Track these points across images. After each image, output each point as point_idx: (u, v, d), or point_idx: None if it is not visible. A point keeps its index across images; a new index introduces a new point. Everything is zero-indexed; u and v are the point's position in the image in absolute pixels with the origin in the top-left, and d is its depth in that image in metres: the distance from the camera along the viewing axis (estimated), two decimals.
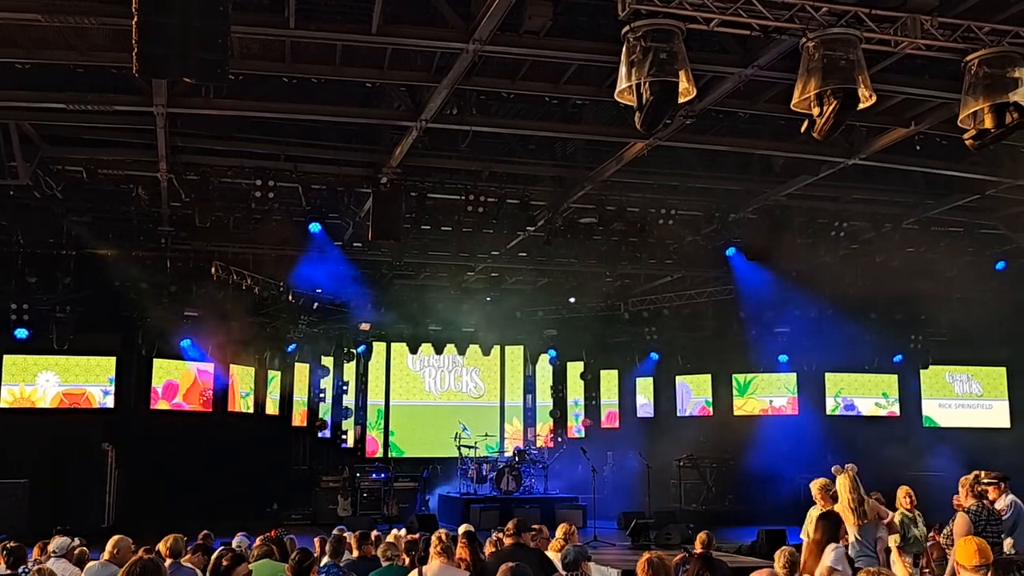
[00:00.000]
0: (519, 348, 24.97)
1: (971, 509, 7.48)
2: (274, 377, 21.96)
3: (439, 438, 23.26)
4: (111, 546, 7.89)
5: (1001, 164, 13.05)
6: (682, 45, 7.38)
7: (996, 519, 7.43)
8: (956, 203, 14.85)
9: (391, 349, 24.20)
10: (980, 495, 7.54)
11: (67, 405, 18.46)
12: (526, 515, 17.01)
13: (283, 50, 10.12)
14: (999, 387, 22.73)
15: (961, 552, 4.53)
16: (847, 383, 22.15)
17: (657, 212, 14.58)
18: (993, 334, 20.90)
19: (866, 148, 12.37)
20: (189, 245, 16.29)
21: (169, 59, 7.18)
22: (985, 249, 17.08)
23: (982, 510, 7.47)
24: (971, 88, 8.02)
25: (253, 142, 13.02)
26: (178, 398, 19.83)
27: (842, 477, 7.98)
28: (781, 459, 18.81)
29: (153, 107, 10.62)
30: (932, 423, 22.23)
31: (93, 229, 15.50)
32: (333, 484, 20.15)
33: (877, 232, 16.05)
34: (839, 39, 7.59)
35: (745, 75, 9.70)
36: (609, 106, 10.75)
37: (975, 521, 7.36)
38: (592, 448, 20.50)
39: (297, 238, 15.29)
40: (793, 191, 14.25)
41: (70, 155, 12.94)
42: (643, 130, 7.98)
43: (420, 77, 10.67)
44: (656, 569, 5.15)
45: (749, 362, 22.02)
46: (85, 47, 9.87)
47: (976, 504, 7.52)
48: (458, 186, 13.96)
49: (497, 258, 17.80)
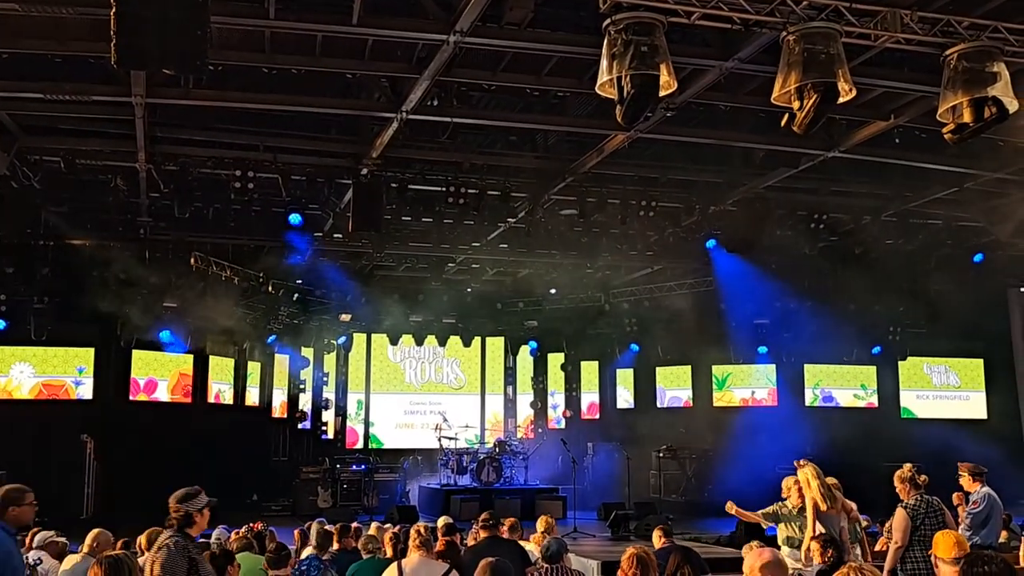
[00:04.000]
0: (500, 339, 24.97)
1: (909, 504, 7.43)
2: (254, 368, 21.86)
3: (420, 429, 23.30)
4: (90, 540, 7.87)
5: (980, 157, 13.17)
6: (663, 38, 7.38)
7: (936, 511, 7.38)
8: (935, 196, 15.00)
9: (371, 340, 24.15)
10: (919, 486, 7.54)
11: (45, 396, 18.31)
12: (506, 506, 17.10)
13: (263, 41, 10.06)
14: (976, 379, 22.96)
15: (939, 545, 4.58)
16: (826, 374, 22.31)
17: (638, 204, 14.60)
18: (971, 326, 21.14)
19: (846, 141, 12.46)
20: (168, 236, 16.18)
21: (148, 51, 7.11)
22: (963, 242, 17.26)
23: (920, 503, 7.41)
24: (950, 82, 8.07)
25: (233, 133, 12.94)
26: (157, 389, 19.71)
27: (808, 469, 8.12)
28: (760, 450, 18.89)
29: (132, 97, 10.53)
30: (910, 414, 22.44)
31: (71, 219, 15.37)
32: (313, 475, 20.07)
33: (856, 224, 16.17)
34: (819, 33, 7.62)
35: (726, 68, 9.74)
36: (590, 98, 10.72)
37: (913, 516, 7.32)
38: (572, 439, 20.56)
39: (277, 229, 15.24)
40: (773, 183, 14.34)
41: (48, 145, 12.82)
42: (624, 123, 7.98)
43: (401, 68, 10.63)
44: (644, 564, 5.14)
45: (729, 353, 22.12)
46: (63, 37, 9.76)
47: (915, 498, 7.45)
48: (439, 177, 13.93)
49: (478, 249, 17.80)
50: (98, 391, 18.71)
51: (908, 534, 7.27)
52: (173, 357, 19.78)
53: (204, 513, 5.58)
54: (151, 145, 12.41)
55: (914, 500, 7.47)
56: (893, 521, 7.58)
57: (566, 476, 19.15)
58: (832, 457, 17.56)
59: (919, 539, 7.20)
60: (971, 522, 8.39)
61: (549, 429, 24.28)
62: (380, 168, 13.21)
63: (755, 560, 4.09)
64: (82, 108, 11.56)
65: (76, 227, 15.53)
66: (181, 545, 5.26)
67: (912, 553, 7.25)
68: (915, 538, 7.25)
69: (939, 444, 18.92)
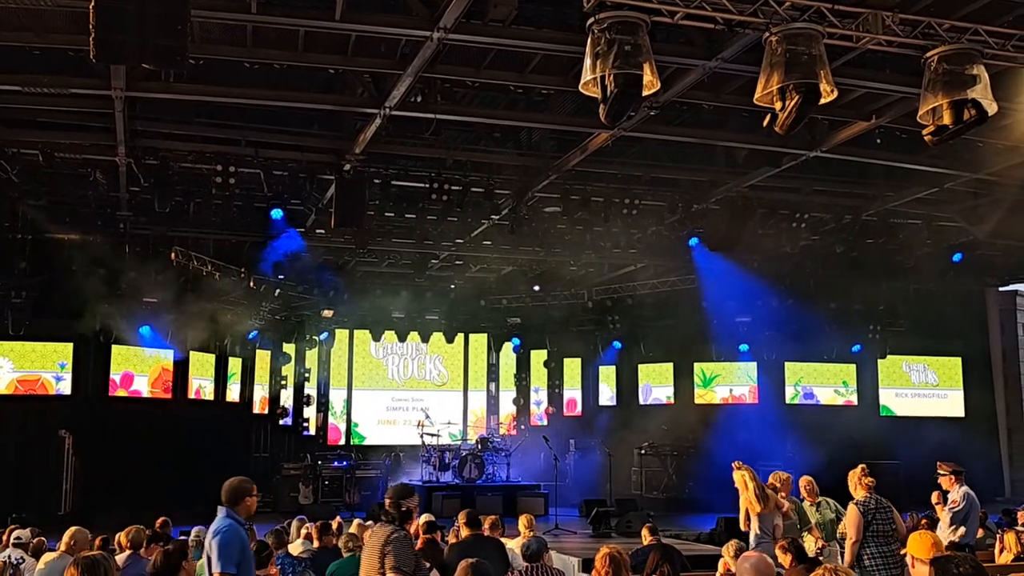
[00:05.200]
0: (483, 336, 24.96)
1: (860, 501, 7.64)
2: (235, 364, 21.73)
3: (402, 426, 23.26)
4: (68, 538, 7.80)
5: (959, 158, 13.28)
6: (647, 37, 7.40)
7: (885, 509, 7.60)
8: (915, 195, 15.09)
9: (354, 336, 24.08)
10: (869, 486, 7.75)
11: (21, 392, 18.13)
12: (488, 503, 17.12)
13: (244, 35, 9.97)
14: (954, 377, 23.16)
15: (915, 545, 4.61)
16: (806, 372, 22.44)
17: (621, 202, 14.61)
18: (949, 325, 21.36)
19: (827, 141, 12.51)
20: (148, 230, 16.04)
21: (127, 44, 7.05)
22: (943, 241, 17.39)
23: (870, 500, 7.63)
24: (930, 84, 8.13)
25: (214, 127, 12.83)
26: (137, 385, 19.55)
27: (744, 471, 8.51)
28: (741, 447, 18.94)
29: (111, 91, 10.42)
30: (889, 412, 22.61)
31: (50, 213, 15.21)
32: (294, 472, 20.02)
33: (837, 223, 16.27)
34: (801, 34, 7.66)
35: (709, 68, 9.75)
36: (574, 96, 10.71)
37: (864, 512, 7.53)
38: (555, 436, 20.60)
39: (258, 224, 15.16)
40: (755, 182, 14.39)
41: (26, 138, 12.66)
42: (607, 122, 7.99)
43: (384, 64, 10.58)
44: (617, 564, 5.17)
45: (711, 351, 22.23)
46: (41, 29, 9.66)
47: (866, 495, 7.67)
48: (422, 174, 13.89)
49: (461, 246, 17.77)
50: (77, 386, 18.55)
51: (862, 529, 7.50)
52: (153, 352, 19.64)
53: (418, 509, 5.97)
54: (131, 139, 12.29)
55: (864, 497, 7.69)
56: (846, 518, 7.82)
57: (548, 473, 19.18)
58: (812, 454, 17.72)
59: (872, 535, 7.45)
60: (951, 520, 8.54)
61: (531, 426, 24.30)
62: (363, 164, 13.15)
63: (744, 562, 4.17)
64: (61, 101, 11.45)
65: (55, 221, 15.37)
66: (407, 538, 5.52)
67: (867, 548, 7.47)
68: (868, 534, 7.47)
69: (917, 442, 19.12)
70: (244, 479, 5.96)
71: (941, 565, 3.61)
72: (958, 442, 18.18)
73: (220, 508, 5.81)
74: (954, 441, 18.05)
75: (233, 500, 5.77)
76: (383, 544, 5.36)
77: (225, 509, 5.75)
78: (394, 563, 5.26)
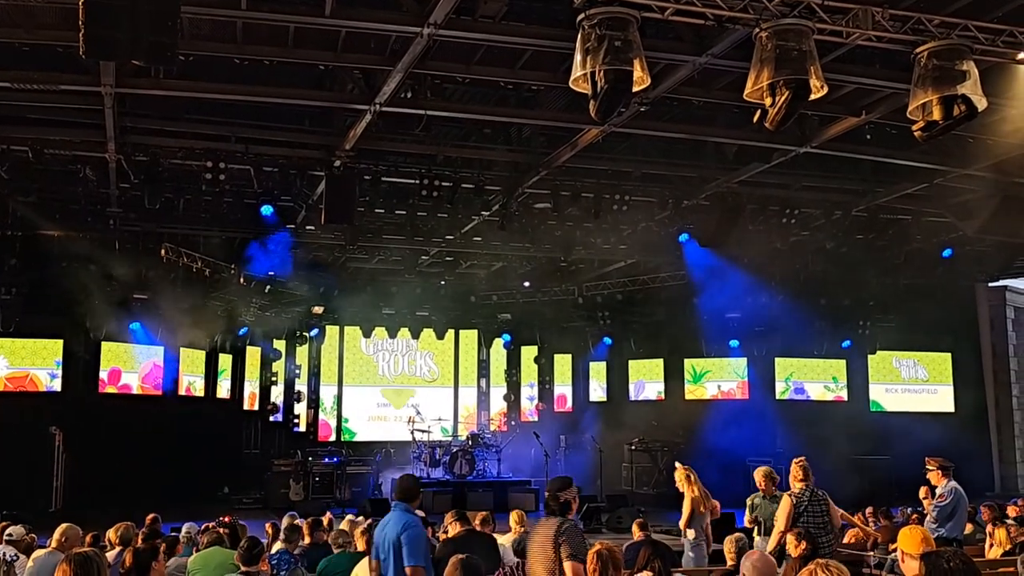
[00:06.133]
0: (473, 332, 24.97)
1: (795, 492, 7.87)
2: (225, 360, 21.70)
3: (393, 422, 23.24)
4: (59, 534, 7.76)
5: (949, 153, 13.32)
6: (637, 33, 7.39)
7: (818, 501, 7.81)
8: (905, 191, 15.15)
9: (344, 333, 24.06)
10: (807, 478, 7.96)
11: (11, 388, 18.08)
12: (479, 499, 17.13)
13: (234, 31, 9.94)
14: (944, 372, 23.26)
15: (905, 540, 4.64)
16: (797, 368, 22.52)
17: (611, 198, 14.63)
18: (939, 320, 21.42)
19: (817, 136, 12.54)
20: (138, 227, 15.98)
21: (117, 41, 7.02)
22: (932, 236, 17.44)
23: (804, 492, 7.85)
24: (920, 80, 8.16)
25: (204, 123, 12.78)
26: (126, 381, 19.51)
27: (687, 471, 9.19)
28: (731, 443, 19.07)
29: (101, 87, 10.37)
30: (879, 407, 22.69)
31: (40, 210, 15.13)
32: (285, 468, 19.97)
33: (827, 219, 16.31)
34: (791, 29, 7.67)
35: (699, 64, 9.76)
36: (564, 92, 10.74)
37: (796, 504, 7.77)
38: (545, 432, 20.63)
39: (248, 220, 15.13)
40: (745, 178, 14.40)
41: (15, 134, 12.59)
42: (598, 118, 7.99)
43: (374, 60, 10.56)
44: (605, 562, 5.16)
45: (701, 347, 22.29)
46: (31, 25, 9.61)
47: (801, 487, 7.89)
48: (413, 170, 13.87)
49: (452, 242, 17.76)
50: (67, 383, 18.51)
51: (790, 520, 7.70)
52: (143, 349, 19.60)
53: (577, 499, 6.16)
54: (121, 135, 12.23)
55: (799, 489, 7.91)
56: (778, 509, 8.06)
57: (539, 469, 19.21)
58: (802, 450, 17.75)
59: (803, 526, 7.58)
60: (937, 515, 8.61)
61: (522, 422, 24.33)
62: (353, 160, 13.11)
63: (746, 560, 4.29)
64: (51, 97, 11.36)
65: (45, 218, 15.30)
66: (577, 527, 5.78)
67: None
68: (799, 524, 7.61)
69: (907, 437, 19.19)
70: (416, 478, 6.63)
71: (931, 560, 3.62)
72: (948, 437, 18.24)
73: (395, 504, 6.26)
74: (944, 436, 18.11)
75: (409, 497, 6.20)
76: (555, 535, 5.59)
77: (403, 505, 6.15)
78: (570, 551, 5.48)
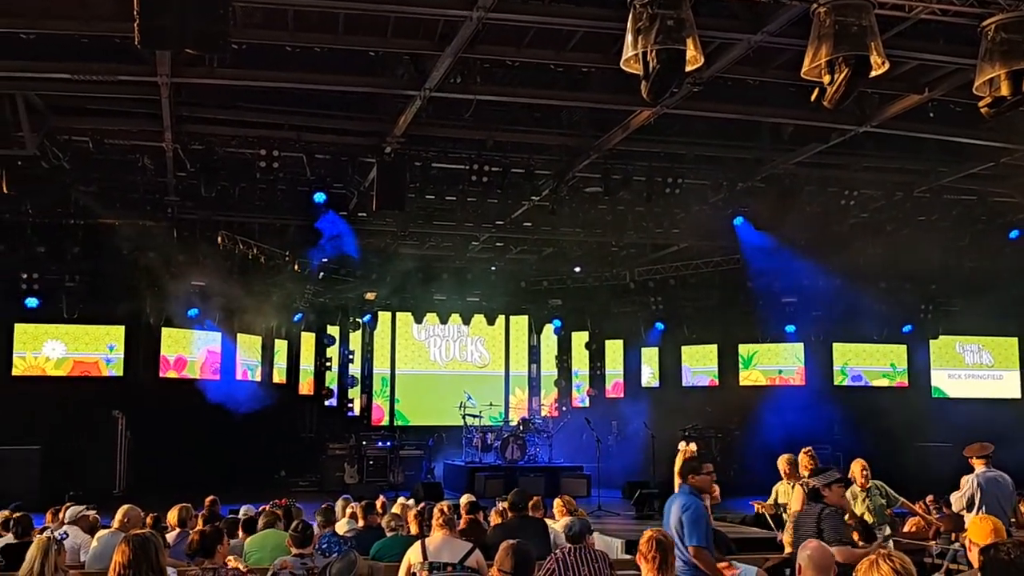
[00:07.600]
0: (524, 318, 24.97)
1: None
2: (281, 346, 22.03)
3: (444, 407, 23.35)
4: (121, 515, 7.99)
5: (1017, 131, 12.82)
6: (690, 12, 7.21)
7: None
8: (970, 171, 14.67)
9: (396, 318, 24.25)
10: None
11: (77, 373, 18.60)
12: (530, 484, 17.11)
13: (286, 19, 10.00)
14: (1010, 357, 22.61)
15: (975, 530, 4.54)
16: (855, 353, 22.08)
17: (664, 181, 14.42)
18: (1005, 304, 20.76)
19: (878, 115, 12.19)
20: (195, 215, 16.27)
21: (170, 30, 7.11)
22: (998, 217, 16.92)
23: None
24: (987, 54, 7.84)
25: (257, 112, 12.89)
26: (186, 367, 19.92)
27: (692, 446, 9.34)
28: (787, 430, 18.74)
29: (157, 77, 10.52)
30: (941, 393, 22.17)
31: (100, 199, 15.49)
32: (340, 452, 20.25)
33: (888, 201, 15.91)
34: (851, 4, 7.41)
35: (754, 42, 9.53)
36: (615, 73, 10.52)
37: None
38: (596, 418, 20.53)
39: (302, 207, 15.28)
40: (803, 159, 14.11)
41: (76, 125, 12.85)
42: (650, 99, 7.84)
43: (423, 45, 10.53)
44: (664, 549, 5.05)
45: (756, 332, 21.96)
46: (87, 17, 9.74)
47: None
48: (462, 155, 13.84)
49: (502, 228, 17.74)
50: (128, 368, 18.96)
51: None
52: (202, 335, 19.97)
53: (833, 488, 6.46)
54: (177, 124, 12.42)
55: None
56: (792, 497, 8.32)
57: (590, 454, 19.15)
58: (861, 437, 17.47)
59: None
60: (955, 504, 8.61)
61: (573, 408, 24.28)
62: (403, 146, 13.14)
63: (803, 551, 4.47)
64: (109, 88, 11.57)
65: (105, 206, 15.66)
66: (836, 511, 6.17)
67: None
68: None
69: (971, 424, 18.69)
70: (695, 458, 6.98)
71: (991, 551, 3.62)
72: (1014, 424, 17.76)
73: (680, 485, 6.53)
74: (1009, 423, 17.63)
75: (684, 475, 6.49)
76: (817, 520, 5.99)
77: (687, 486, 6.41)
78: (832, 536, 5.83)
